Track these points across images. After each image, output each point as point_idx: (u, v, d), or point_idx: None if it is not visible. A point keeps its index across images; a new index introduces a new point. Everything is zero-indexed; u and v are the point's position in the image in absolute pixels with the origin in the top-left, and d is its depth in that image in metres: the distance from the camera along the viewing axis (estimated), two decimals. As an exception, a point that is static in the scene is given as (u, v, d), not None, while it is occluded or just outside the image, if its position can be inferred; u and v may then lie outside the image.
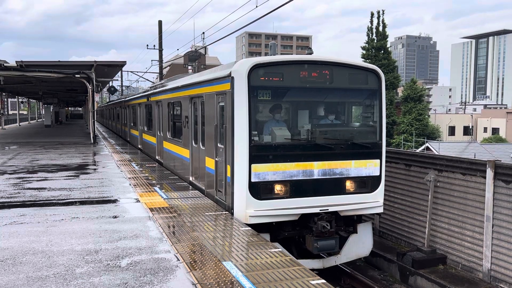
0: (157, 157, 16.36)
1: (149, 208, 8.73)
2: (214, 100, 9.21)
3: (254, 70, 8.07)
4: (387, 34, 51.06)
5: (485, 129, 69.38)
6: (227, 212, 8.49)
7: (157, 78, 48.95)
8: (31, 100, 61.49)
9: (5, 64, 21.35)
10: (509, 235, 8.75)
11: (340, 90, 9.08)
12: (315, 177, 8.45)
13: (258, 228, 7.89)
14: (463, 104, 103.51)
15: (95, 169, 14.25)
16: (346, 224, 9.11)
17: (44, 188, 10.92)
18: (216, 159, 9.10)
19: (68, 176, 12.88)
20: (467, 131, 70.11)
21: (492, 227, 9.05)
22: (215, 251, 6.18)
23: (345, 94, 9.24)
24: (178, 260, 5.82)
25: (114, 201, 9.53)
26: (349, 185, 8.75)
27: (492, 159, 9.52)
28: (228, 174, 8.46)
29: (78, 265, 5.64)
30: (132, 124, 24.25)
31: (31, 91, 39.66)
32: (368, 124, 9.43)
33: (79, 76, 22.69)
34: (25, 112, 75.05)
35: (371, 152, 8.95)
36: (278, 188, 8.26)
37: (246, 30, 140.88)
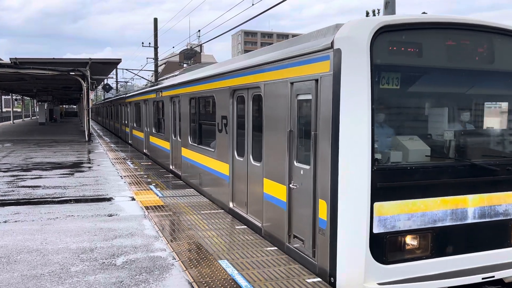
0: (171, 167, 13.52)
1: (145, 207, 8.71)
2: (286, 92, 6.10)
3: (381, 36, 4.91)
4: (382, 33, 51.17)
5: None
6: (222, 211, 8.45)
7: (152, 76, 48.85)
8: (25, 97, 61.16)
9: (-1, 61, 21.24)
10: None
11: (507, 75, 5.73)
12: (470, 220, 5.42)
13: None
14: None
15: (90, 167, 14.20)
16: None
17: (39, 186, 10.87)
18: (292, 185, 6.03)
19: (63, 174, 12.83)
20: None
21: None
22: (210, 249, 6.18)
23: None
24: (174, 258, 5.81)
25: (109, 199, 9.50)
26: None
27: None
28: (322, 215, 5.32)
29: (73, 263, 5.62)
30: (134, 125, 21.50)
31: (25, 89, 39.46)
32: None
33: (73, 73, 22.60)
34: (19, 110, 74.66)
35: None
36: (413, 242, 5.21)
37: (242, 28, 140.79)
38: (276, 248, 6.29)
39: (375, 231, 4.96)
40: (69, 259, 5.78)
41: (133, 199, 9.48)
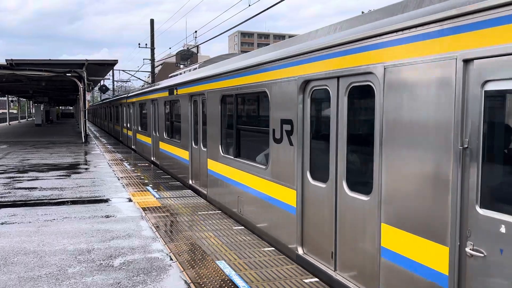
0: (191, 182, 11.23)
1: (142, 208, 8.71)
2: (449, 78, 3.52)
3: None
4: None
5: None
6: (220, 211, 8.45)
7: (148, 77, 48.81)
8: (21, 99, 60.97)
9: (-6, 63, 21.20)
10: None
11: None
12: None
13: None
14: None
15: (86, 169, 14.18)
16: None
17: (35, 188, 10.84)
18: (470, 250, 3.39)
19: (60, 175, 12.80)
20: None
21: None
22: (208, 250, 6.18)
23: None
24: (171, 259, 5.81)
25: (106, 200, 9.48)
26: None
27: None
28: None
29: (71, 265, 5.61)
30: (139, 128, 19.32)
31: (21, 90, 39.33)
32: None
33: (70, 74, 22.56)
34: (15, 111, 74.44)
35: None
36: None
37: (239, 29, 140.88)
38: (273, 248, 6.29)
39: None
40: (67, 260, 5.77)
41: (130, 200, 9.47)
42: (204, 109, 10.06)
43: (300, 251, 5.86)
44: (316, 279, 5.14)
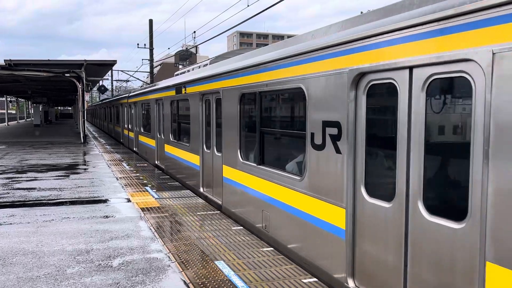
0: (202, 190, 10.24)
1: (141, 208, 8.71)
2: None
3: None
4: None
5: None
6: (219, 212, 8.45)
7: (147, 77, 48.78)
8: (20, 99, 60.93)
9: (-7, 63, 21.20)
10: None
11: None
12: None
13: None
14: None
15: (85, 169, 14.17)
16: None
17: (34, 188, 10.84)
18: None
19: (58, 176, 12.79)
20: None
21: None
22: (207, 250, 6.18)
23: None
24: (170, 259, 5.81)
25: (105, 201, 9.48)
26: None
27: None
28: None
29: (69, 265, 5.61)
30: (142, 130, 18.48)
31: (20, 90, 39.30)
32: None
33: (69, 75, 22.56)
34: (13, 112, 74.38)
35: None
36: None
37: (238, 29, 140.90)
38: (272, 248, 6.29)
39: None
40: (65, 261, 5.77)
41: (129, 200, 9.47)
42: (218, 109, 8.99)
43: (350, 283, 4.77)
44: (315, 279, 5.13)
